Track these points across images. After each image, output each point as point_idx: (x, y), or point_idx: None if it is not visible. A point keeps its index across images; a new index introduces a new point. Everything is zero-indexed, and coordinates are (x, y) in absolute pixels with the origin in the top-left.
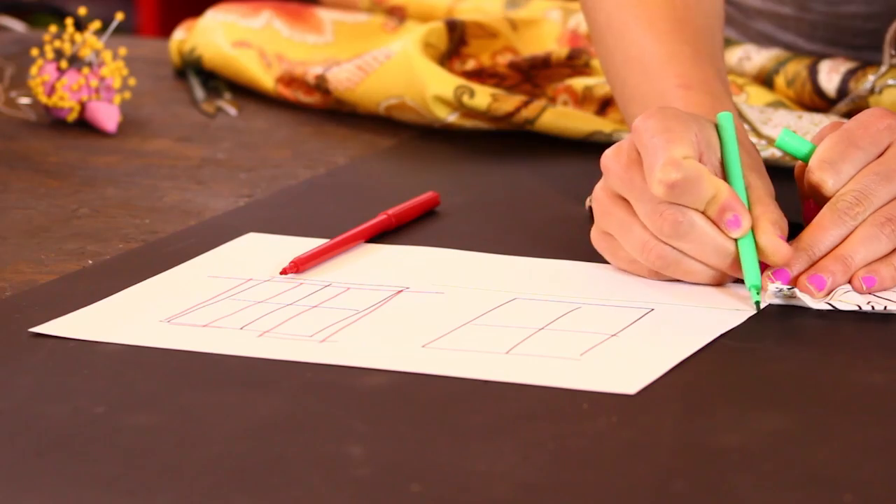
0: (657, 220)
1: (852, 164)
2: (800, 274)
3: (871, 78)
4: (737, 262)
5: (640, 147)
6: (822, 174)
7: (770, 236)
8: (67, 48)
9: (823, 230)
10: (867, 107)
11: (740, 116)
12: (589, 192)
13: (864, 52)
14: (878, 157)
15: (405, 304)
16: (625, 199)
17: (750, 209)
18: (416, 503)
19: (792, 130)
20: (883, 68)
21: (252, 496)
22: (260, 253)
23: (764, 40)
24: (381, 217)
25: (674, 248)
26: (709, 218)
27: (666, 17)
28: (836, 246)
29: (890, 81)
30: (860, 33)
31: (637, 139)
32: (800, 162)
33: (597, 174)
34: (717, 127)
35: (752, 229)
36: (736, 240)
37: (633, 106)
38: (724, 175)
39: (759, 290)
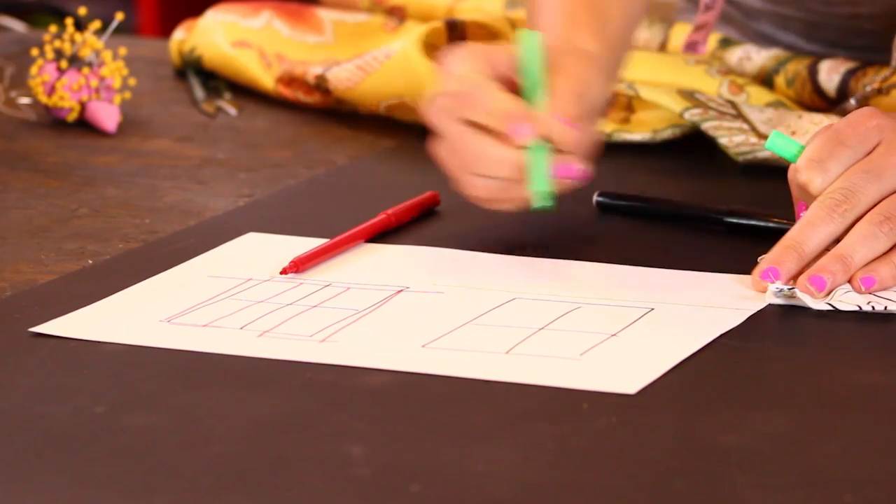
0: (450, 156)
1: (840, 163)
2: (798, 273)
3: (876, 78)
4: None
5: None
6: (808, 173)
7: (551, 121)
8: (67, 48)
9: (811, 227)
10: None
11: (742, 117)
12: (589, 192)
13: (866, 53)
14: (866, 156)
15: (405, 304)
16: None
17: None
18: (416, 503)
19: (791, 131)
20: (893, 66)
21: (252, 496)
22: (260, 253)
23: (764, 40)
24: (381, 217)
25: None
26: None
27: None
28: (829, 244)
29: None
30: (862, 34)
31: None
32: (793, 164)
33: (597, 173)
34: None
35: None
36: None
37: None
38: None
39: (545, 194)
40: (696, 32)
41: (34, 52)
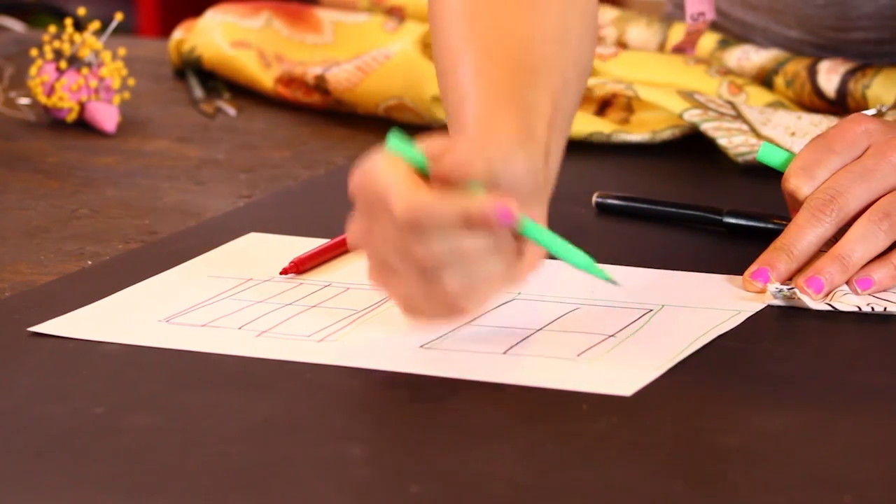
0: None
1: (827, 169)
2: (791, 274)
3: (882, 108)
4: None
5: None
6: (796, 180)
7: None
8: (67, 48)
9: (798, 229)
10: None
11: (741, 117)
12: (589, 192)
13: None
14: (855, 160)
15: None
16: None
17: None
18: (416, 503)
19: (791, 132)
20: None
21: (252, 496)
22: (260, 253)
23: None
24: None
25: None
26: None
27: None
28: (820, 245)
29: None
30: (869, 56)
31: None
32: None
33: (597, 173)
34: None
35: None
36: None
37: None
38: None
39: (593, 264)
40: (682, 42)
41: (33, 52)
